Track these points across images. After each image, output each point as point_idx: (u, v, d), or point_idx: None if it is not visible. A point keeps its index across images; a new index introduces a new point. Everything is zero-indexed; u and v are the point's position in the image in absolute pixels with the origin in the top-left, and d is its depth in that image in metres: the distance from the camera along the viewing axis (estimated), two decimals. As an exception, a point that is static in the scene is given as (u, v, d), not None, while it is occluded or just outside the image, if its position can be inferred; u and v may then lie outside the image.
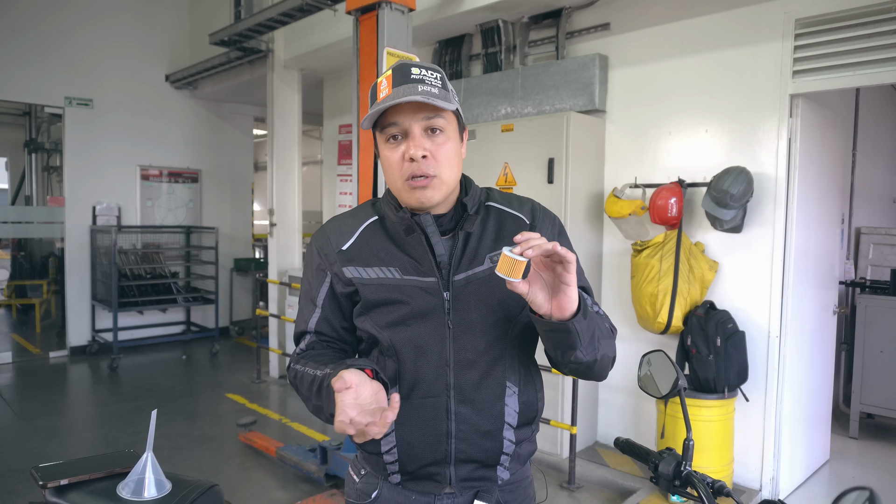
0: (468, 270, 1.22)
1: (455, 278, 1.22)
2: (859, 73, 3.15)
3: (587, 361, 1.14)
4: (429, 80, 1.17)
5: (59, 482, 1.17)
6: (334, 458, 3.60)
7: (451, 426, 1.21)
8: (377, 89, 1.20)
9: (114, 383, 5.97)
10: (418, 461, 1.23)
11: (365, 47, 3.42)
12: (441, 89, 1.18)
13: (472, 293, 1.22)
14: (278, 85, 6.01)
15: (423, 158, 1.16)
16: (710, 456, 3.40)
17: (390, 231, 1.26)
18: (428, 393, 1.21)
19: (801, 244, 3.54)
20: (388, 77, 1.18)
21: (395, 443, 1.22)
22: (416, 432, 1.21)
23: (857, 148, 5.22)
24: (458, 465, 1.23)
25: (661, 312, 3.55)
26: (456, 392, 1.21)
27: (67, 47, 6.66)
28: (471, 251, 1.24)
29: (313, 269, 1.31)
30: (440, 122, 1.18)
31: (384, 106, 1.14)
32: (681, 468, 1.24)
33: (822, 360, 3.98)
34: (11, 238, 9.08)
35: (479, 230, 1.25)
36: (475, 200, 1.27)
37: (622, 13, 4.06)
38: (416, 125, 1.17)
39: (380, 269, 1.23)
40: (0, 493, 3.54)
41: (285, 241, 6.17)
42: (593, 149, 4.09)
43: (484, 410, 1.22)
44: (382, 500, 1.29)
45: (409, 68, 1.18)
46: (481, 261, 1.23)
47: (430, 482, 1.25)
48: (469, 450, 1.22)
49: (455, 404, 1.21)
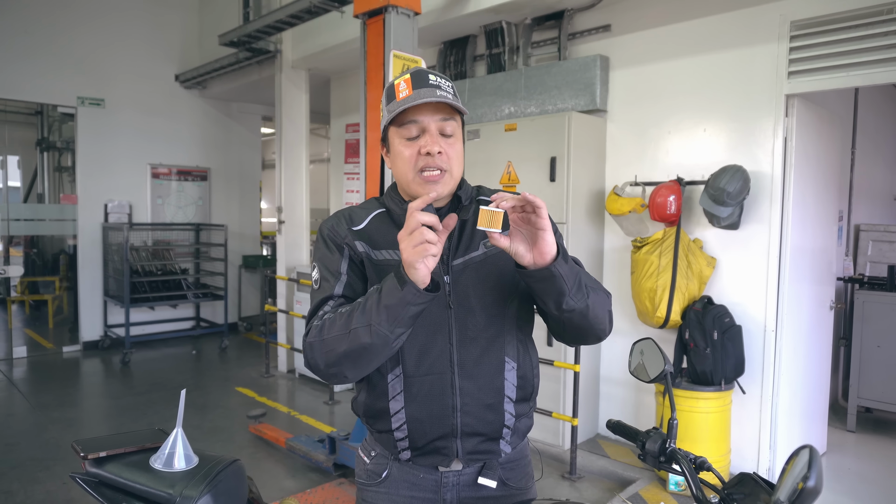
0: (465, 255, 1.34)
1: (454, 263, 1.33)
2: (853, 73, 3.24)
3: (580, 308, 1.24)
4: (444, 87, 1.30)
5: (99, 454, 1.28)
6: (342, 448, 3.72)
7: (455, 400, 1.31)
8: (395, 90, 1.31)
9: (126, 377, 6.11)
10: (427, 436, 1.32)
11: (372, 50, 3.52)
12: (454, 97, 1.31)
13: (469, 276, 1.34)
14: (286, 85, 6.12)
15: (439, 154, 1.28)
16: (707, 446, 3.49)
17: (397, 221, 1.37)
18: (433, 369, 1.31)
19: (798, 241, 3.63)
20: (408, 80, 1.30)
21: (404, 419, 1.32)
22: (423, 408, 1.31)
23: (857, 146, 5.29)
24: (465, 439, 1.33)
25: (659, 307, 3.64)
26: (459, 368, 1.32)
27: (80, 48, 6.80)
28: (466, 238, 1.36)
29: (329, 249, 1.37)
30: (453, 124, 1.31)
31: (410, 104, 1.25)
32: (666, 445, 1.34)
33: (819, 354, 4.06)
34: (24, 235, 9.23)
35: (473, 220, 1.35)
36: (468, 194, 1.40)
37: (623, 15, 4.15)
38: (434, 124, 1.29)
39: (387, 252, 1.34)
40: (22, 481, 3.67)
41: (293, 237, 6.28)
42: (594, 148, 4.18)
43: (485, 385, 1.33)
44: (392, 479, 1.38)
45: (427, 75, 1.30)
46: (476, 247, 1.35)
47: (438, 456, 1.34)
48: (473, 423, 1.32)
49: (459, 379, 1.32)
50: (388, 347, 1.20)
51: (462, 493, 1.37)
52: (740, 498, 1.13)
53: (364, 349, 1.20)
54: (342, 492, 3.57)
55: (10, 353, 6.71)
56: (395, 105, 1.29)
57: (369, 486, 1.41)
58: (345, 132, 6.38)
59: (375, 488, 1.40)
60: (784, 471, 0.97)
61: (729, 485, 1.18)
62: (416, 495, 1.37)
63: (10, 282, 8.91)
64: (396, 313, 1.16)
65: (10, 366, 6.38)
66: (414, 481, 1.37)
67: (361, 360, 1.22)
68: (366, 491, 1.42)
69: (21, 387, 5.71)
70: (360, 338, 1.19)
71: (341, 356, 1.22)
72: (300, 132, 6.26)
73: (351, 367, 1.23)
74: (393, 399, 1.32)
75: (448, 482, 1.36)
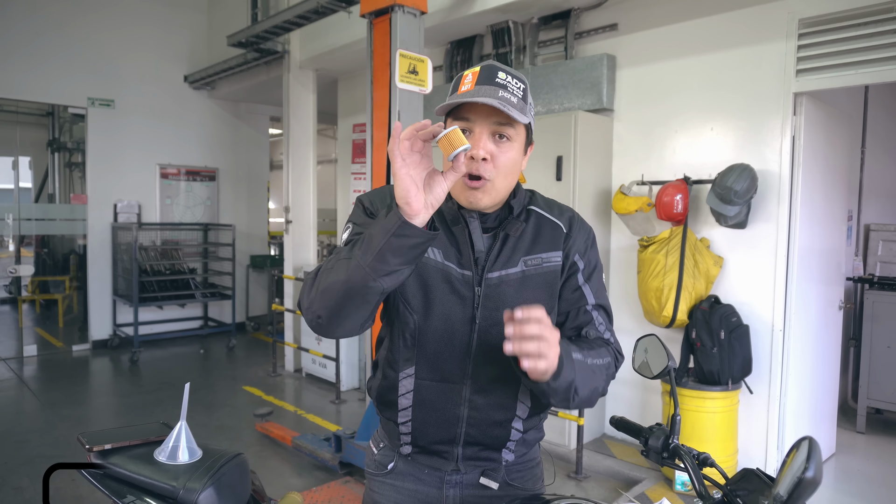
0: (502, 270, 1.27)
1: (489, 276, 1.26)
2: (862, 71, 3.22)
3: (560, 407, 1.22)
4: (511, 88, 1.18)
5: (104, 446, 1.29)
6: (348, 446, 3.72)
7: (463, 411, 1.29)
8: (461, 81, 1.22)
9: (134, 376, 6.15)
10: (429, 438, 1.32)
11: (378, 49, 3.53)
12: (520, 100, 1.19)
13: (503, 292, 1.26)
14: (294, 85, 6.15)
15: (484, 160, 1.18)
16: (714, 446, 3.47)
17: (442, 213, 1.28)
18: (445, 378, 1.28)
19: (806, 240, 3.61)
20: (475, 73, 1.19)
21: (410, 417, 1.32)
22: (430, 412, 1.30)
23: (866, 145, 5.25)
24: (465, 447, 1.32)
25: (666, 306, 3.63)
26: (472, 381, 1.28)
27: (90, 50, 6.85)
28: (507, 252, 1.27)
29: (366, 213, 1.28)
30: (509, 130, 1.19)
31: (460, 100, 1.16)
32: (668, 441, 1.33)
33: (828, 354, 4.03)
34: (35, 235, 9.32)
35: (519, 233, 1.28)
36: (521, 204, 1.30)
37: (629, 14, 4.14)
38: (487, 127, 1.18)
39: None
40: (32, 477, 3.70)
41: (300, 237, 6.30)
42: (601, 147, 4.17)
43: (497, 402, 1.30)
44: (398, 471, 1.39)
45: (497, 71, 1.19)
46: (515, 262, 1.27)
47: (438, 458, 1.35)
48: (477, 435, 1.31)
49: (470, 392, 1.29)
50: (367, 288, 1.07)
51: (465, 490, 1.37)
52: (743, 494, 1.12)
53: (340, 286, 1.09)
54: (348, 490, 3.58)
55: (20, 352, 6.78)
56: (452, 97, 1.20)
57: (377, 476, 1.43)
58: (352, 132, 6.40)
59: (382, 479, 1.41)
60: (784, 464, 0.96)
61: (732, 481, 1.18)
62: (420, 489, 1.38)
63: (20, 281, 8.98)
64: (377, 244, 1.05)
65: (21, 364, 6.44)
66: (418, 476, 1.38)
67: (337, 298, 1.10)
68: (373, 481, 1.44)
69: (31, 385, 5.76)
70: (339, 272, 1.10)
71: (321, 292, 1.12)
72: (307, 132, 6.28)
73: (325, 307, 1.12)
74: (402, 396, 1.32)
75: (451, 480, 1.36)
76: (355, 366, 5.59)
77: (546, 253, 1.30)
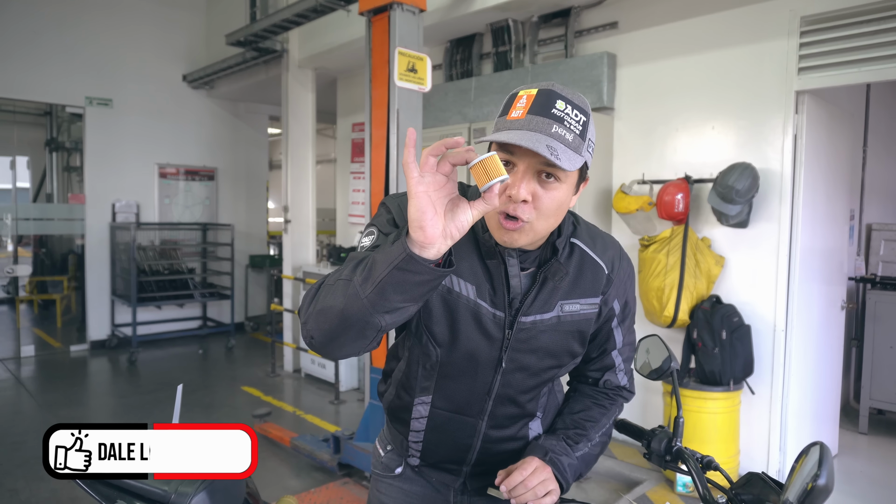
0: (537, 315, 1.18)
1: (522, 319, 1.17)
2: (864, 69, 3.19)
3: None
4: (568, 122, 1.01)
5: (94, 450, 1.26)
6: (347, 447, 3.70)
7: (476, 442, 1.28)
8: (513, 103, 1.05)
9: (132, 376, 6.12)
10: (438, 457, 1.32)
11: (377, 47, 3.50)
12: (577, 137, 1.02)
13: (534, 337, 1.19)
14: (293, 84, 6.12)
15: (524, 203, 1.03)
16: (716, 447, 3.44)
17: (477, 241, 1.16)
18: (461, 411, 1.26)
19: (808, 240, 3.58)
20: (531, 96, 1.03)
21: (422, 439, 1.31)
22: (443, 439, 1.29)
23: (868, 144, 5.22)
24: (475, 466, 1.32)
25: (667, 306, 3.60)
26: (489, 418, 1.26)
27: (88, 49, 6.82)
28: (544, 296, 1.18)
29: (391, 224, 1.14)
30: (558, 171, 1.02)
31: (501, 139, 0.99)
32: (671, 444, 1.31)
33: (830, 355, 4.00)
34: (33, 235, 9.29)
35: (558, 279, 1.18)
36: (564, 242, 1.18)
37: (630, 12, 4.11)
38: (532, 167, 1.03)
39: (458, 280, 1.15)
40: (27, 479, 3.67)
41: (300, 237, 6.27)
42: (601, 145, 4.14)
43: (510, 435, 1.29)
44: (406, 476, 1.38)
45: (556, 100, 1.02)
46: (551, 307, 1.18)
47: (446, 474, 1.34)
48: (487, 461, 1.31)
49: (486, 427, 1.27)
50: (365, 323, 0.94)
51: (473, 498, 1.36)
52: (749, 498, 1.10)
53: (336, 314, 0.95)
54: (346, 491, 3.55)
55: (18, 352, 6.74)
56: (499, 125, 1.05)
57: (384, 478, 1.41)
58: (351, 132, 6.37)
59: (390, 481, 1.40)
60: (793, 469, 0.94)
61: (737, 485, 1.15)
62: (427, 493, 1.37)
63: (18, 281, 8.95)
64: (378, 275, 0.91)
65: (18, 364, 6.41)
66: (427, 482, 1.38)
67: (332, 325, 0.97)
68: (380, 482, 1.42)
69: (28, 385, 5.74)
70: (337, 296, 0.96)
71: (317, 312, 0.99)
72: (306, 131, 6.26)
73: (319, 330, 0.99)
74: (415, 419, 1.30)
75: (459, 490, 1.36)
76: (355, 366, 5.57)
77: (585, 299, 1.22)
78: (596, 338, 1.30)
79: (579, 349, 1.26)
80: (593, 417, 1.32)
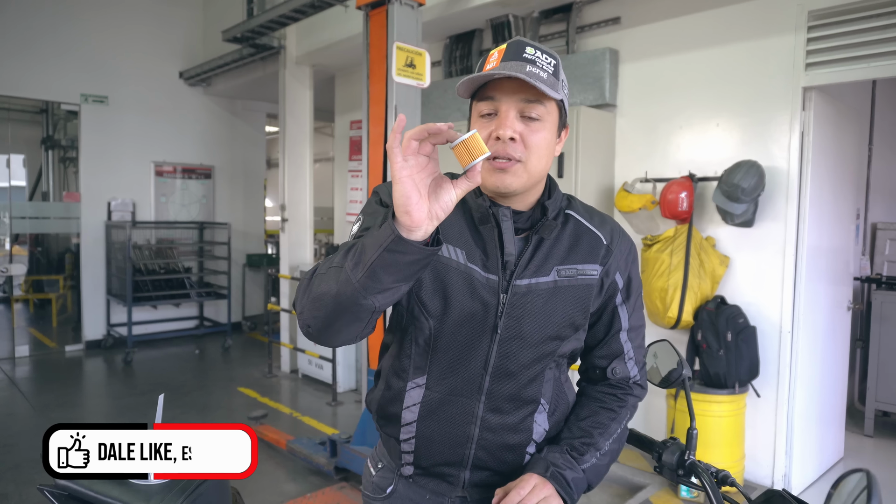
0: (532, 278, 1.14)
1: (517, 282, 1.14)
2: (873, 65, 3.12)
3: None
4: (540, 63, 1.07)
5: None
6: (344, 451, 3.62)
7: (474, 431, 1.17)
8: (486, 60, 1.11)
9: (128, 377, 6.05)
10: (434, 458, 1.20)
11: (375, 42, 3.43)
12: (551, 76, 1.07)
13: (530, 302, 1.14)
14: (290, 81, 6.04)
15: (511, 140, 1.06)
16: (721, 451, 3.38)
17: (469, 210, 1.17)
18: (457, 391, 1.16)
19: (814, 239, 3.51)
20: (501, 50, 1.09)
21: (414, 434, 1.19)
22: (438, 429, 1.18)
23: (873, 142, 5.16)
24: (474, 471, 1.20)
25: (671, 307, 3.53)
26: (487, 398, 1.16)
27: (84, 46, 6.73)
28: (540, 258, 1.15)
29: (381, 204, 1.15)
30: (539, 109, 1.08)
31: (483, 77, 1.05)
32: (685, 457, 1.23)
33: (836, 356, 3.94)
34: (29, 234, 9.21)
35: (554, 238, 1.17)
36: (556, 205, 1.19)
37: (633, 7, 4.04)
38: (514, 106, 1.07)
39: (447, 246, 1.14)
40: (18, 484, 3.60)
41: (297, 236, 6.20)
42: (604, 143, 4.07)
43: (511, 423, 1.18)
44: (397, 495, 1.27)
45: (525, 46, 1.08)
46: (548, 271, 1.15)
47: (441, 482, 1.22)
48: (488, 459, 1.19)
49: (483, 410, 1.17)
50: (358, 306, 0.96)
51: None
52: (768, 517, 1.02)
53: (330, 299, 0.98)
54: (343, 496, 3.48)
55: (12, 352, 6.66)
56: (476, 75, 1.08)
57: (374, 500, 1.31)
58: (349, 129, 6.30)
59: (380, 502, 1.29)
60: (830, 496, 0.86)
61: (756, 502, 1.07)
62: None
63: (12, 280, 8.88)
64: (369, 258, 0.93)
65: (13, 365, 6.33)
66: (419, 501, 1.26)
67: (327, 312, 0.99)
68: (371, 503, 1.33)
69: (22, 386, 5.66)
70: (329, 282, 0.98)
71: (312, 301, 1.01)
72: (304, 129, 6.18)
73: (315, 318, 1.02)
74: (407, 409, 1.19)
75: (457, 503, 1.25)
76: (352, 367, 5.50)
77: (582, 264, 1.18)
78: (601, 317, 1.24)
79: (581, 319, 1.18)
80: (601, 423, 1.23)
